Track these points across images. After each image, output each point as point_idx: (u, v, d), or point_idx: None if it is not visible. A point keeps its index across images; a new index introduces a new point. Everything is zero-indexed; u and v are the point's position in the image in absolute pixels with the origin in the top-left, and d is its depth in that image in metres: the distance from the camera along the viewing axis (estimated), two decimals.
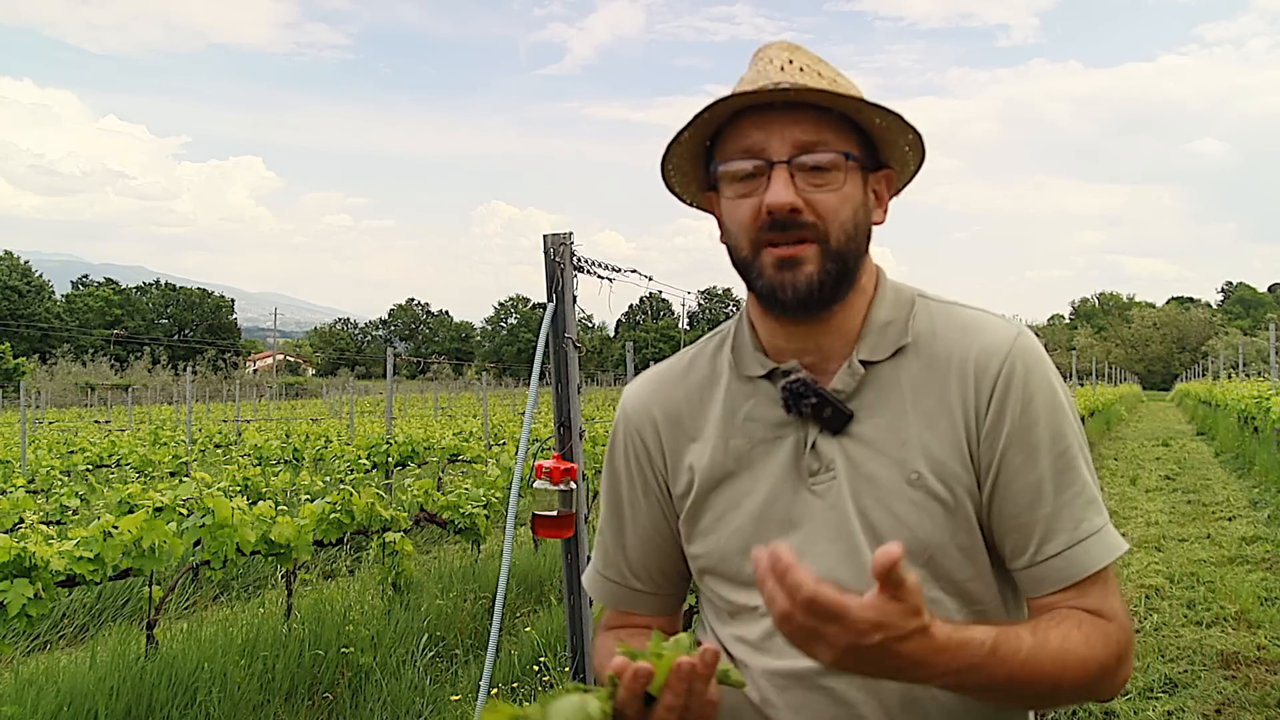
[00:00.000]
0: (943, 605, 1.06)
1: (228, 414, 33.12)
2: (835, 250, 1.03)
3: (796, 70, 1.04)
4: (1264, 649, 4.91)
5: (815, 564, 1.07)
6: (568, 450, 2.86)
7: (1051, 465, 1.04)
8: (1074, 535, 1.03)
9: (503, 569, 2.80)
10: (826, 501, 1.08)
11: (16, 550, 3.77)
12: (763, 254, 1.04)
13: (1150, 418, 29.83)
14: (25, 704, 3.86)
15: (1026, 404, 1.05)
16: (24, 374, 58.91)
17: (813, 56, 1.08)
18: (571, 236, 2.84)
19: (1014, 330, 1.09)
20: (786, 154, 1.02)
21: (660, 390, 1.22)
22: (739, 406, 1.14)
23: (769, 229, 1.02)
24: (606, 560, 1.28)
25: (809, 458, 1.08)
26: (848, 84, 1.08)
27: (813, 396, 1.06)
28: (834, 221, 1.03)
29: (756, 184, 1.04)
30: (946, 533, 1.05)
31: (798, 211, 1.01)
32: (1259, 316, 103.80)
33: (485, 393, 17.52)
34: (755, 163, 1.03)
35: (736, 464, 1.13)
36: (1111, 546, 1.04)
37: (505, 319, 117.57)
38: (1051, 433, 1.05)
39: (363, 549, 7.71)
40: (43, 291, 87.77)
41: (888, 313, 1.11)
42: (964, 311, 1.12)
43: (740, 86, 1.05)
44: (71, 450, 15.55)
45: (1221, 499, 10.33)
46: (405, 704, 4.28)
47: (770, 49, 1.09)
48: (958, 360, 1.07)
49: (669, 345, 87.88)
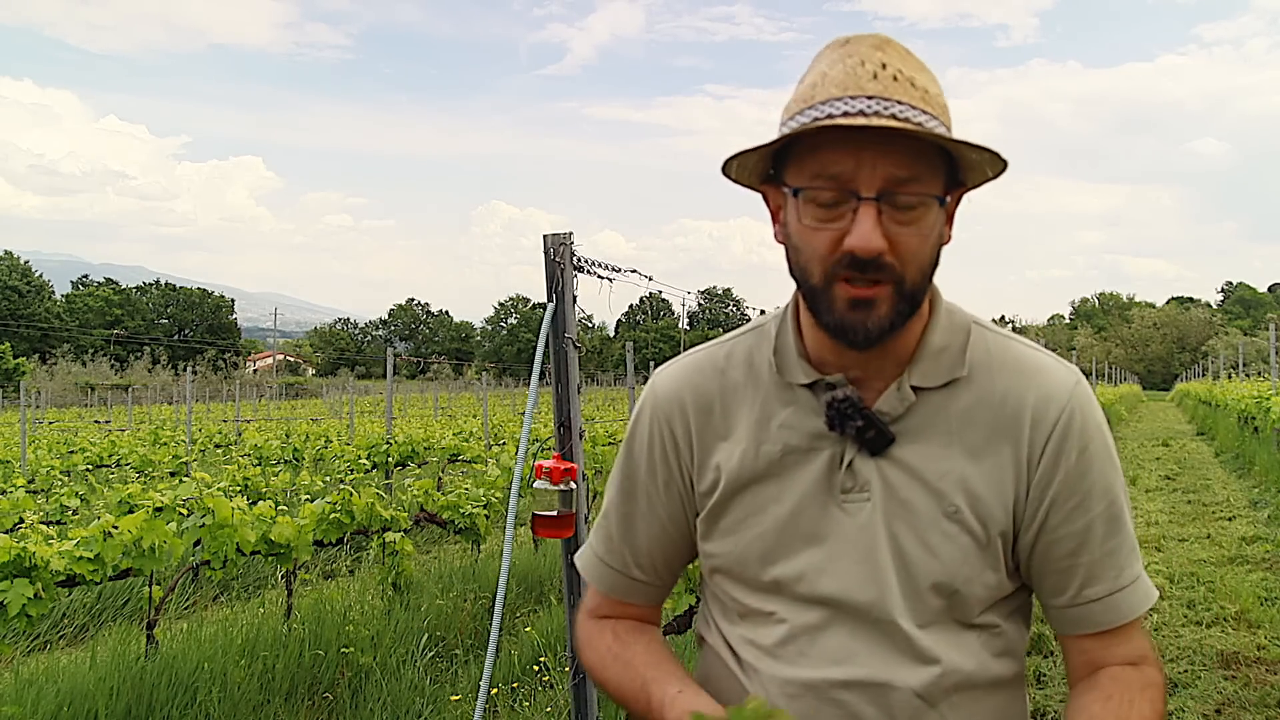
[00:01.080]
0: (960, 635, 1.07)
1: (228, 414, 33.12)
2: (909, 291, 1.00)
3: (890, 79, 0.96)
4: (1264, 649, 4.91)
5: (835, 582, 1.06)
6: (568, 450, 2.86)
7: (1102, 514, 1.06)
8: (1116, 583, 1.06)
9: (503, 569, 2.80)
10: (856, 521, 1.06)
11: (16, 550, 3.77)
12: (835, 288, 0.99)
13: (1150, 418, 29.82)
14: (25, 704, 3.86)
15: (1081, 452, 1.05)
16: (24, 374, 58.92)
17: (903, 54, 1.00)
18: (571, 236, 2.84)
19: (1073, 377, 1.08)
20: (876, 189, 0.95)
21: (694, 380, 1.18)
22: (775, 412, 1.11)
23: (847, 266, 0.97)
24: (609, 546, 1.24)
25: (844, 475, 1.07)
26: (936, 89, 1.01)
27: (859, 419, 1.04)
28: (913, 264, 0.99)
29: (838, 213, 0.97)
30: (976, 570, 1.05)
31: (882, 254, 0.96)
32: (1259, 316, 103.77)
33: (485, 393, 17.52)
34: (842, 193, 0.97)
35: (767, 470, 1.10)
36: (1148, 594, 1.08)
37: (505, 319, 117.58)
38: (1104, 483, 1.06)
39: (363, 549, 7.71)
40: (43, 291, 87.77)
41: (943, 338, 1.08)
42: (1023, 350, 1.10)
43: (825, 89, 0.97)
44: (71, 450, 15.54)
45: (1221, 499, 10.33)
46: (405, 704, 4.28)
47: (861, 46, 1.00)
48: (1014, 402, 1.06)
49: (669, 345, 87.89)
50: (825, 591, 1.07)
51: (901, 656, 1.04)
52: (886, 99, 0.95)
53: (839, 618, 1.06)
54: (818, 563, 1.07)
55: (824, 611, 1.07)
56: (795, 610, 1.08)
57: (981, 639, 1.08)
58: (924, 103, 0.97)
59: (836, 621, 1.07)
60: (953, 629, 1.06)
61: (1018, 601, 1.12)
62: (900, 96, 0.96)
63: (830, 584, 1.06)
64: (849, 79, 0.97)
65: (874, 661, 1.05)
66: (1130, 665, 1.07)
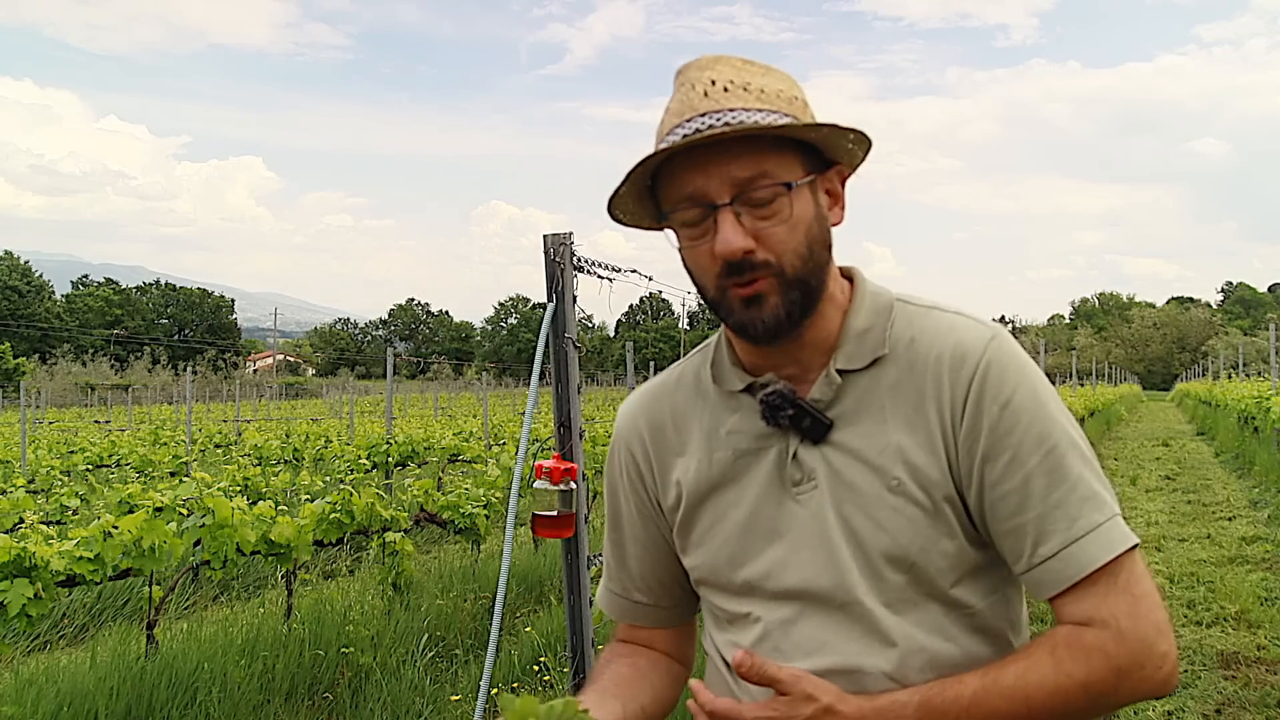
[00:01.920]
0: (929, 613, 1.05)
1: (228, 414, 33.12)
2: (793, 279, 1.03)
3: (720, 92, 1.02)
4: (1264, 649, 4.91)
5: (798, 573, 1.08)
6: (568, 450, 2.86)
7: (1039, 465, 1.01)
8: (1069, 534, 1.00)
9: (503, 569, 2.80)
10: (809, 510, 1.08)
11: (16, 550, 3.77)
12: (728, 295, 1.04)
13: (1150, 418, 29.82)
14: (25, 704, 3.86)
15: (1004, 406, 1.03)
16: (24, 374, 58.92)
17: (737, 67, 1.05)
18: (571, 236, 2.84)
19: (989, 332, 1.07)
20: (728, 195, 1.01)
21: (648, 406, 1.25)
22: (722, 421, 1.15)
23: (728, 275, 1.02)
24: (610, 574, 1.31)
25: (791, 468, 1.09)
26: (776, 86, 1.04)
27: (790, 408, 1.07)
28: (786, 253, 1.02)
29: (704, 228, 1.03)
30: (929, 539, 1.04)
31: (751, 253, 1.01)
32: (1259, 316, 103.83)
33: (485, 393, 17.53)
34: (700, 208, 1.02)
35: (721, 477, 1.14)
36: (1112, 541, 0.99)
37: (505, 319, 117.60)
38: (1036, 432, 1.02)
39: (363, 549, 7.71)
40: (43, 291, 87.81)
41: (865, 320, 1.10)
42: (942, 315, 1.10)
43: (669, 120, 1.05)
44: (71, 450, 15.55)
45: (1221, 499, 10.33)
46: (405, 704, 4.28)
47: (690, 70, 1.06)
48: (933, 364, 1.07)
49: (669, 345, 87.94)
50: (791, 584, 1.09)
51: (870, 640, 1.05)
52: (718, 111, 1.01)
53: (808, 609, 1.08)
54: (781, 557, 1.09)
55: (794, 605, 1.09)
56: (768, 608, 1.11)
57: (953, 616, 1.06)
58: (761, 102, 1.02)
59: (807, 613, 1.08)
60: (922, 607, 1.05)
61: (996, 576, 1.09)
62: (732, 104, 1.01)
63: (794, 576, 1.08)
64: (683, 105, 1.04)
65: (844, 648, 1.05)
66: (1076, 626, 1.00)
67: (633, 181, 1.06)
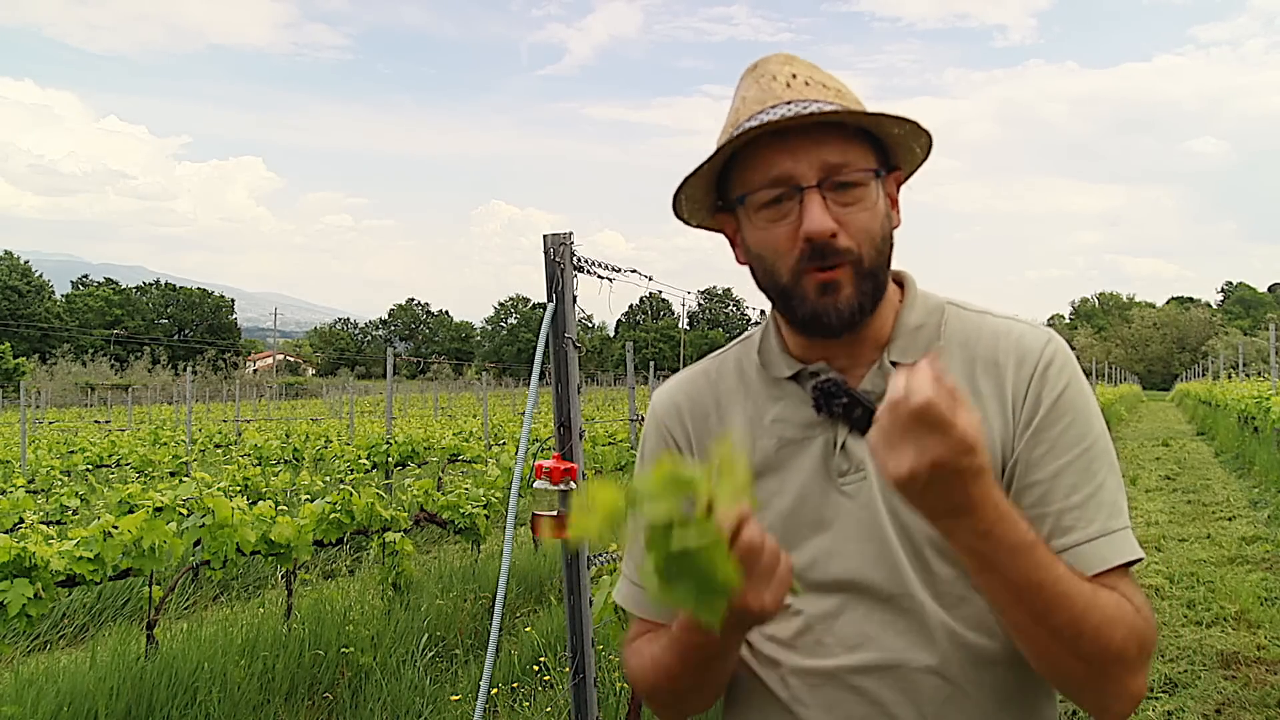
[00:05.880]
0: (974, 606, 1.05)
1: (228, 414, 33.12)
2: (868, 269, 1.04)
3: (802, 85, 1.04)
4: (1264, 649, 4.91)
5: (846, 563, 1.07)
6: (568, 450, 2.86)
7: (1071, 462, 1.04)
8: (1085, 534, 1.02)
9: (503, 569, 2.80)
10: (857, 501, 1.08)
11: (16, 550, 3.77)
12: (804, 280, 1.03)
13: (1150, 418, 29.83)
14: (25, 704, 3.87)
15: (1055, 400, 1.05)
16: (24, 374, 58.94)
17: (810, 66, 1.08)
18: (571, 236, 2.84)
19: (1046, 334, 1.11)
20: (816, 178, 1.01)
21: (689, 391, 1.23)
22: (767, 409, 1.14)
23: (809, 258, 1.02)
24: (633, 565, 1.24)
25: (839, 458, 1.09)
26: (847, 89, 1.08)
27: (844, 396, 1.04)
28: (865, 241, 1.03)
29: (786, 209, 1.03)
30: None
31: (835, 236, 1.01)
32: (1259, 316, 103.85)
33: (485, 393, 17.52)
34: (784, 189, 1.03)
35: (765, 465, 1.13)
36: (1122, 550, 1.02)
37: (505, 319, 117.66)
38: (1076, 430, 1.05)
39: (363, 549, 7.72)
40: (43, 291, 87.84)
41: (919, 317, 1.12)
42: (997, 320, 1.13)
43: (747, 108, 1.05)
44: (71, 450, 15.56)
45: (1221, 499, 10.33)
46: (405, 704, 4.28)
47: (769, 64, 1.08)
48: (994, 361, 1.08)
49: (669, 345, 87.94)
50: (837, 575, 1.08)
51: (916, 634, 1.04)
52: (803, 100, 1.03)
53: (853, 601, 1.07)
54: (827, 547, 1.08)
55: (839, 596, 1.08)
56: (810, 600, 1.09)
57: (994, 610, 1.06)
58: (839, 98, 1.05)
59: (851, 605, 1.07)
60: (969, 601, 1.05)
61: None
62: (814, 96, 1.04)
63: (841, 567, 1.07)
64: (764, 94, 1.05)
65: (890, 642, 1.05)
66: None
67: (709, 167, 1.06)
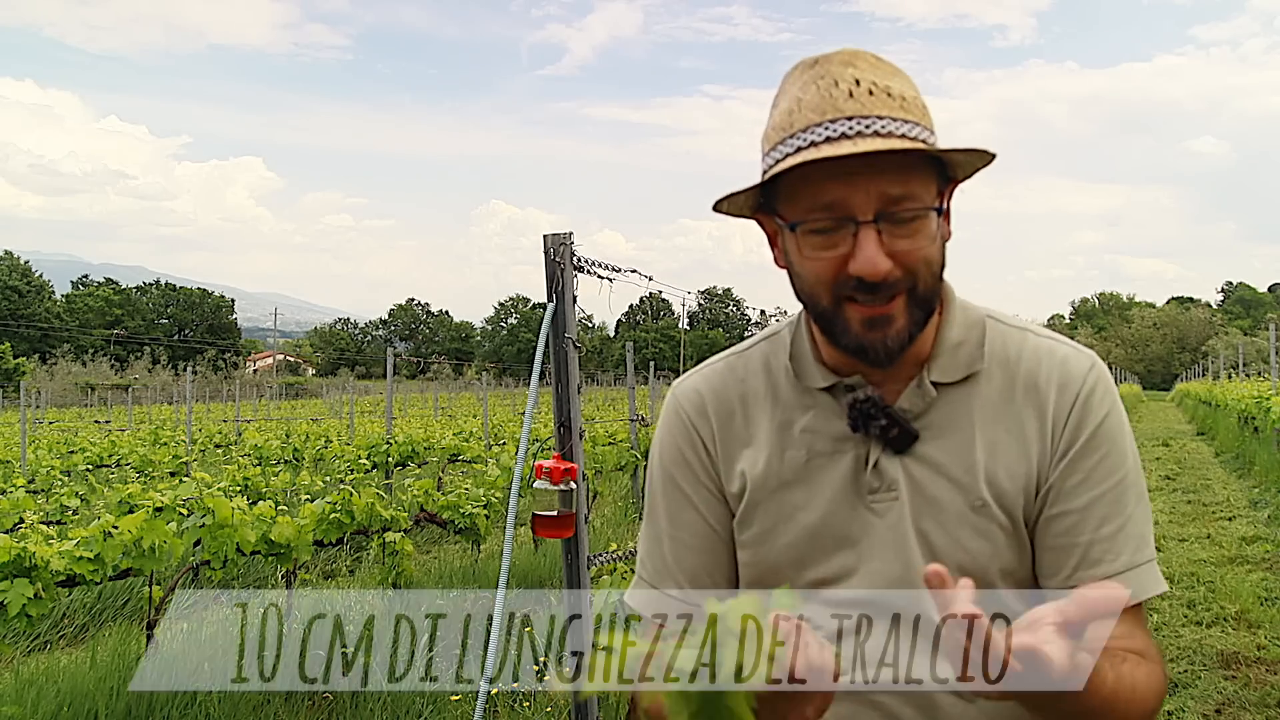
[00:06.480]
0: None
1: (228, 414, 33.11)
2: (922, 296, 1.00)
3: (865, 94, 0.95)
4: (1264, 649, 4.91)
5: (869, 582, 1.06)
6: (568, 450, 2.86)
7: (1104, 494, 1.03)
8: (1112, 567, 1.02)
9: (503, 569, 2.80)
10: (886, 521, 1.06)
11: (16, 550, 3.77)
12: (846, 309, 0.99)
13: (1150, 418, 29.81)
14: (25, 704, 3.87)
15: (1095, 430, 1.04)
16: (24, 374, 58.95)
17: (874, 64, 0.98)
18: (571, 236, 2.84)
19: (1090, 359, 1.09)
20: (873, 211, 0.95)
21: (713, 384, 1.18)
22: (796, 417, 1.10)
23: (855, 289, 0.97)
24: (645, 568, 1.19)
25: (870, 476, 1.06)
26: (911, 93, 0.99)
27: (883, 417, 1.03)
28: (921, 273, 0.98)
29: (837, 239, 0.97)
30: (1006, 560, 1.05)
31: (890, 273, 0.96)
32: (1259, 316, 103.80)
33: (485, 393, 17.53)
34: (837, 220, 0.96)
35: (793, 475, 1.09)
36: (1146, 585, 1.02)
37: (505, 319, 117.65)
38: (1111, 462, 1.04)
39: (363, 549, 7.71)
40: (43, 291, 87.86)
41: (959, 333, 1.08)
42: (1040, 339, 1.10)
43: (803, 115, 0.96)
44: (71, 450, 15.56)
45: (1221, 499, 10.33)
46: (405, 704, 4.28)
47: (831, 64, 0.98)
48: (1036, 387, 1.06)
49: (669, 345, 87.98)
50: (860, 593, 1.06)
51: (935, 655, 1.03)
52: (866, 116, 0.94)
53: (875, 620, 1.06)
54: (851, 565, 1.07)
55: (860, 614, 1.07)
56: (831, 616, 1.08)
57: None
58: (904, 111, 0.96)
59: (872, 624, 1.06)
60: None
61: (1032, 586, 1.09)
62: (880, 111, 0.94)
63: (865, 585, 1.06)
64: (825, 101, 0.96)
65: (909, 662, 1.04)
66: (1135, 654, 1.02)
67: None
